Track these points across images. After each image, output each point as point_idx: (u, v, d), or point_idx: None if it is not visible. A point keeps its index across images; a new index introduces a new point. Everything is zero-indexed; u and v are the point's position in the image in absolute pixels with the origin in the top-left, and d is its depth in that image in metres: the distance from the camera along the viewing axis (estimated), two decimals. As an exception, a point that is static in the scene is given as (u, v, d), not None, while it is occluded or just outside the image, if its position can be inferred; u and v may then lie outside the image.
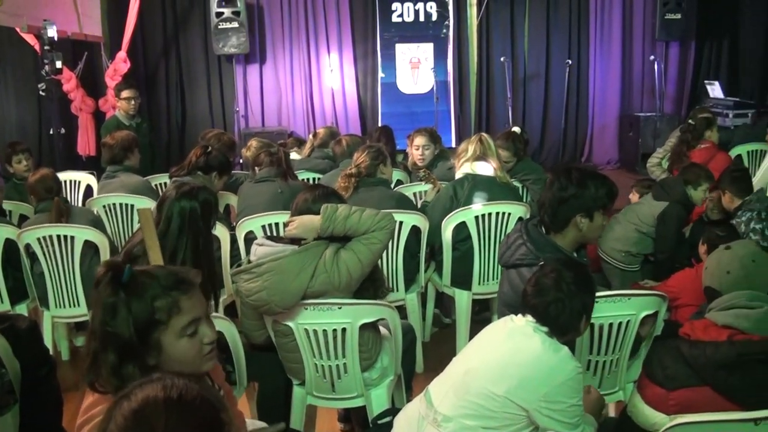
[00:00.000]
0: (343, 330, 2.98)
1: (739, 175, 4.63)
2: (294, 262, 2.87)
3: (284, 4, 9.69)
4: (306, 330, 2.99)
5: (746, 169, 4.93)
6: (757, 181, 5.36)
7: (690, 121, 5.99)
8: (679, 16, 10.24)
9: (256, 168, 4.82)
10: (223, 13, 8.90)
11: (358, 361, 3.06)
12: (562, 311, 2.35)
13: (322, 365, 3.08)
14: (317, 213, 2.94)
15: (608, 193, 2.81)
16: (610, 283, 4.61)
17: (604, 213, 2.83)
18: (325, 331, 2.99)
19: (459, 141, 8.93)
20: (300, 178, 5.50)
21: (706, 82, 10.59)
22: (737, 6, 11.10)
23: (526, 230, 2.87)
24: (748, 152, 6.53)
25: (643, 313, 2.94)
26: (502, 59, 9.80)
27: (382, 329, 3.25)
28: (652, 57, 10.27)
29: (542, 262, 2.65)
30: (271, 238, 3.14)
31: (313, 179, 5.58)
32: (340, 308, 2.94)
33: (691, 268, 3.90)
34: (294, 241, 2.96)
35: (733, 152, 6.46)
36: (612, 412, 3.25)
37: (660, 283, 4.08)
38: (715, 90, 10.20)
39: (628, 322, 2.93)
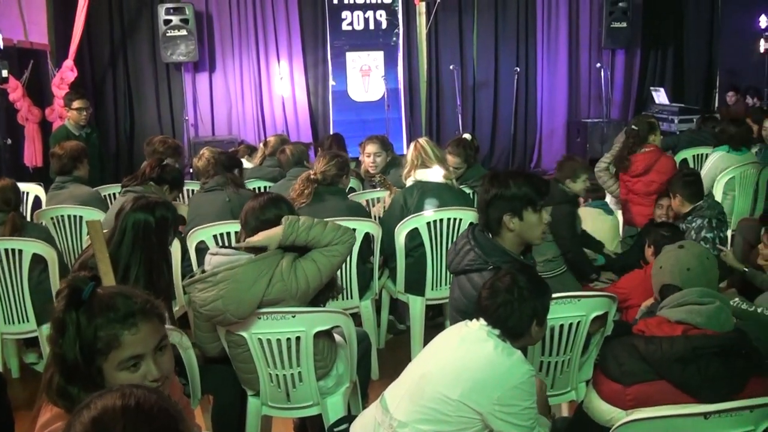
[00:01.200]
0: (297, 338, 2.97)
1: (691, 180, 4.72)
2: (250, 270, 2.84)
3: (233, 11, 9.63)
4: (260, 339, 2.97)
5: (698, 173, 5.05)
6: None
7: (633, 126, 6.12)
8: (624, 24, 10.51)
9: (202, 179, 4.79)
10: (171, 20, 8.81)
11: (313, 369, 3.05)
12: (511, 314, 2.38)
13: (277, 375, 3.05)
14: (267, 220, 2.94)
15: (532, 190, 2.79)
16: None
17: (536, 210, 2.81)
18: (279, 340, 2.96)
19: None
20: (251, 186, 5.49)
21: (651, 88, 10.88)
22: (682, 15, 11.45)
23: (473, 236, 2.88)
24: (693, 156, 6.72)
25: (594, 314, 3.00)
26: (451, 67, 9.91)
27: (337, 337, 3.25)
28: (598, 64, 10.51)
29: (491, 267, 2.69)
30: (225, 247, 3.11)
31: (265, 188, 5.56)
32: (294, 317, 2.92)
33: (640, 269, 3.99)
34: (249, 249, 2.94)
35: (679, 156, 6.64)
36: (565, 411, 3.30)
37: (610, 284, 4.16)
38: (660, 96, 10.48)
39: (578, 323, 2.99)
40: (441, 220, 4.25)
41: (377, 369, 4.33)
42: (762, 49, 9.07)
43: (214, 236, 4.21)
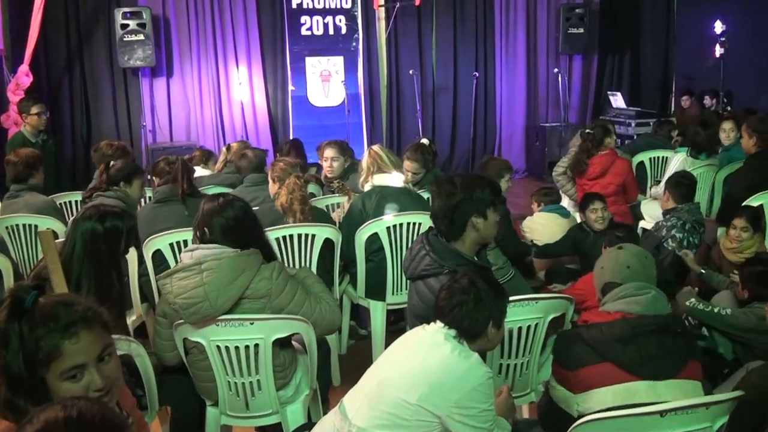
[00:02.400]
0: (256, 346, 2.94)
1: (686, 183, 4.91)
2: (237, 263, 2.87)
3: (191, 16, 9.51)
4: (218, 347, 2.93)
5: (695, 179, 5.15)
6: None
7: (588, 130, 6.22)
8: (581, 30, 10.68)
9: (155, 179, 4.69)
10: (128, 25, 8.67)
11: (272, 377, 3.02)
12: (467, 314, 2.40)
13: (236, 383, 3.02)
14: (225, 224, 2.94)
15: (493, 191, 2.94)
16: None
17: (495, 209, 2.93)
18: (237, 347, 2.93)
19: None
20: (209, 193, 5.42)
21: (609, 92, 11.06)
22: (638, 20, 11.68)
23: (428, 241, 2.92)
24: (650, 159, 6.83)
25: (551, 316, 3.05)
26: (411, 72, 9.95)
27: (295, 343, 3.23)
28: (556, 69, 10.67)
29: (447, 270, 2.73)
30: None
31: (223, 194, 5.49)
32: (252, 324, 2.89)
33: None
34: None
35: (636, 159, 6.75)
36: (526, 413, 3.32)
37: (567, 286, 4.21)
38: (617, 100, 10.65)
39: (536, 324, 3.01)
40: (401, 225, 4.25)
41: (339, 375, 4.32)
42: (717, 54, 9.26)
43: (171, 245, 4.14)
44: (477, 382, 2.30)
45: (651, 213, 5.89)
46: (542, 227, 4.98)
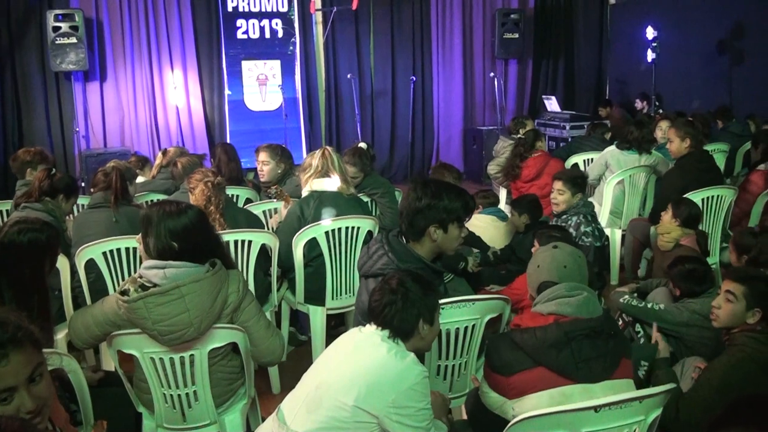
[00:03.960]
0: (191, 356, 2.88)
1: (581, 181, 4.99)
2: (214, 282, 2.81)
3: (125, 18, 9.31)
4: (152, 359, 2.87)
5: (585, 177, 5.26)
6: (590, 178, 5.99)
7: (519, 135, 6.37)
8: (516, 35, 10.90)
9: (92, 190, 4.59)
10: (60, 27, 8.43)
11: (209, 387, 2.97)
12: (395, 313, 2.42)
13: (171, 395, 2.95)
14: (171, 232, 2.84)
15: (463, 206, 2.88)
16: None
17: (460, 225, 2.90)
18: (172, 358, 2.87)
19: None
20: (144, 200, 5.32)
21: (543, 96, 11.29)
22: (572, 26, 11.95)
23: (387, 241, 2.92)
24: (583, 160, 6.99)
25: (488, 317, 3.07)
26: (348, 76, 9.97)
27: None
28: (492, 74, 10.84)
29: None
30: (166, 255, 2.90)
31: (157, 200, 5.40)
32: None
33: None
34: (183, 257, 2.83)
35: (570, 161, 6.90)
36: (464, 414, 3.34)
37: (505, 287, 4.26)
38: (552, 104, 10.87)
39: (473, 325, 3.04)
40: (339, 229, 4.23)
41: (278, 382, 4.27)
42: (649, 59, 9.51)
43: (104, 253, 4.03)
44: (413, 382, 2.31)
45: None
46: (482, 230, 5.02)
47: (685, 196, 4.93)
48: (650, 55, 9.46)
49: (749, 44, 9.27)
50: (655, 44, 9.32)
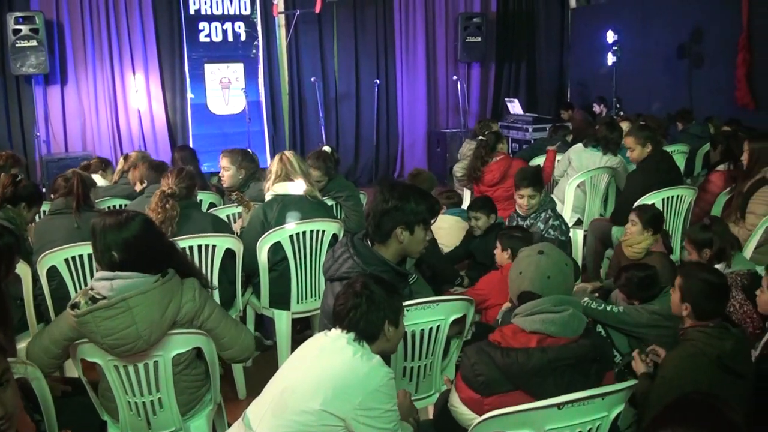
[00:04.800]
0: (155, 363, 2.86)
1: (541, 176, 5.04)
2: (164, 292, 2.77)
3: (86, 21, 9.18)
4: (116, 366, 2.83)
5: (540, 168, 5.31)
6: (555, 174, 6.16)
7: (480, 137, 6.42)
8: (479, 39, 10.99)
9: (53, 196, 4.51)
10: (20, 30, 8.30)
11: (173, 394, 2.94)
12: (361, 316, 2.42)
13: (136, 402, 2.92)
14: (113, 243, 2.79)
15: (429, 209, 2.93)
16: None
17: (426, 228, 2.94)
18: (136, 365, 2.84)
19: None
20: (105, 205, 5.25)
21: (506, 99, 11.38)
22: (533, 30, 12.09)
23: (353, 244, 2.93)
24: (546, 162, 7.05)
25: (453, 317, 3.08)
26: (312, 79, 9.95)
27: None
28: (455, 77, 10.91)
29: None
30: (112, 267, 2.85)
31: (120, 206, 5.33)
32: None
33: (496, 271, 4.14)
34: (130, 268, 2.78)
35: (534, 162, 6.96)
36: (430, 415, 3.35)
37: (470, 288, 4.29)
38: (515, 107, 10.96)
39: (438, 327, 3.05)
40: (304, 233, 4.22)
41: (244, 387, 4.25)
42: (610, 62, 9.64)
43: (66, 260, 3.97)
44: (379, 383, 2.32)
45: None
46: (447, 231, 5.05)
47: (645, 197, 5.02)
48: (611, 59, 9.59)
49: (708, 48, 9.46)
50: (615, 48, 9.46)
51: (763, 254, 4.58)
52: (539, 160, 7.06)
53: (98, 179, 5.81)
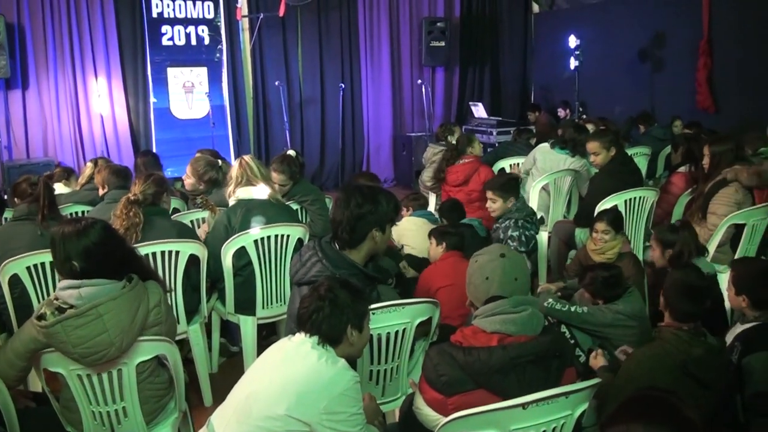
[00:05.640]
0: (119, 371, 2.82)
1: (513, 184, 5.06)
2: (132, 298, 2.76)
3: (47, 25, 9.01)
4: (79, 375, 2.79)
5: (518, 177, 5.33)
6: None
7: (451, 140, 6.44)
8: (443, 43, 11.07)
9: (17, 200, 4.41)
10: (-20, 34, 8.12)
11: (138, 402, 2.91)
12: (324, 319, 2.41)
13: (100, 412, 2.88)
14: (86, 249, 2.75)
15: (395, 208, 3.02)
16: None
17: (392, 225, 3.03)
18: (99, 375, 2.80)
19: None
20: (68, 212, 5.17)
21: (470, 103, 11.47)
22: (497, 34, 12.21)
23: (321, 248, 2.93)
24: (509, 165, 7.13)
25: (418, 320, 3.09)
26: (276, 83, 9.91)
27: None
28: (419, 81, 10.95)
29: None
30: (74, 276, 2.81)
31: (83, 212, 5.25)
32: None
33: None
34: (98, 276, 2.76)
35: (497, 166, 7.03)
36: (397, 417, 3.35)
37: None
38: (479, 110, 11.04)
39: (404, 329, 3.05)
40: (268, 237, 4.20)
41: (210, 394, 4.21)
42: (572, 66, 9.74)
43: (28, 268, 3.87)
44: (344, 387, 2.32)
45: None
46: (414, 232, 5.06)
47: (607, 199, 5.08)
48: (573, 63, 9.70)
49: (669, 52, 9.64)
50: (578, 52, 9.57)
51: (724, 254, 4.68)
52: (503, 164, 7.11)
53: (61, 188, 5.73)
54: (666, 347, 2.81)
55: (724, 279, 3.78)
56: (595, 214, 4.69)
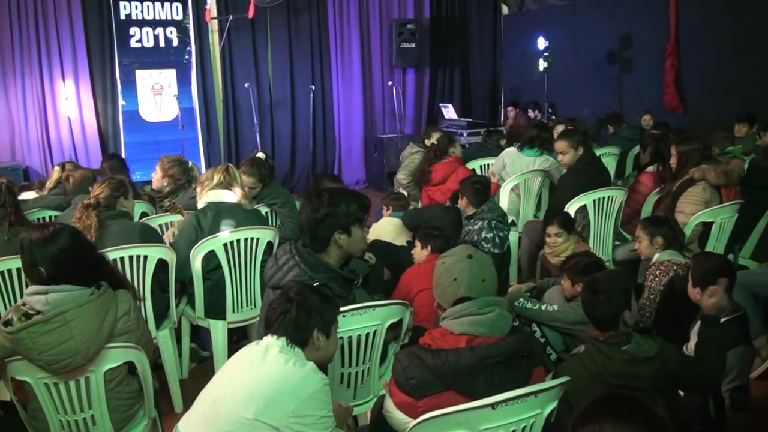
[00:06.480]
0: (87, 379, 2.79)
1: (480, 188, 5.05)
2: (100, 305, 2.73)
3: (14, 27, 8.88)
4: (47, 384, 2.75)
5: (488, 182, 5.34)
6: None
7: (434, 141, 6.47)
8: (413, 45, 11.11)
9: None
10: (-54, 36, 7.99)
11: (106, 410, 2.87)
12: (290, 322, 2.39)
13: (69, 421, 2.84)
14: (53, 255, 2.73)
15: (360, 207, 2.94)
16: None
17: (361, 226, 2.96)
18: (67, 383, 2.77)
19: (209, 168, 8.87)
20: (35, 217, 5.09)
21: (441, 104, 11.51)
22: (467, 36, 12.26)
23: (298, 251, 2.90)
24: (480, 166, 7.15)
25: (389, 322, 3.09)
26: (246, 85, 9.84)
27: None
28: (390, 83, 10.96)
29: (316, 283, 2.71)
30: (42, 282, 2.78)
31: (50, 217, 5.18)
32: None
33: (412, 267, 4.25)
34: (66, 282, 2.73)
35: (468, 167, 7.02)
36: (369, 420, 3.34)
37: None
38: (449, 112, 11.09)
39: (375, 332, 3.05)
40: (238, 241, 4.17)
41: (180, 401, 4.16)
42: (541, 68, 9.81)
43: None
44: (313, 390, 2.30)
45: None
46: (389, 232, 5.07)
47: (576, 199, 5.12)
48: (542, 65, 9.77)
49: (637, 53, 9.76)
50: (546, 54, 9.63)
51: (693, 251, 4.74)
52: (473, 165, 7.13)
53: (26, 194, 5.65)
54: (584, 358, 2.74)
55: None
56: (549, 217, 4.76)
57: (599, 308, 2.76)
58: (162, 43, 9.75)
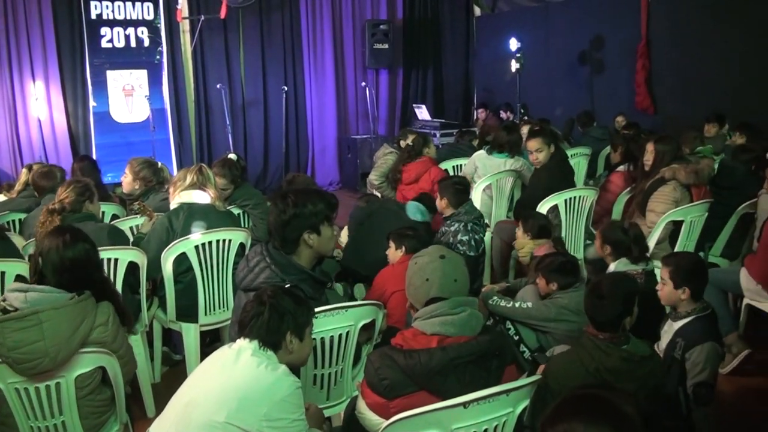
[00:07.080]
0: (57, 385, 2.76)
1: (461, 189, 5.03)
2: (77, 311, 2.72)
3: (-16, 27, 8.73)
4: (17, 389, 2.72)
5: (468, 182, 5.35)
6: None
7: (409, 142, 6.49)
8: (386, 46, 11.13)
9: None
10: None
11: (77, 416, 2.85)
12: (262, 324, 2.39)
13: (39, 427, 2.81)
14: (59, 264, 2.84)
15: (327, 206, 2.93)
16: None
17: (330, 225, 2.95)
18: (38, 388, 2.74)
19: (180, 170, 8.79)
20: (4, 221, 5.04)
21: (414, 105, 11.54)
22: (439, 37, 12.32)
23: (269, 253, 2.90)
24: (453, 167, 7.18)
25: (362, 323, 3.09)
26: (218, 86, 9.78)
27: None
28: (363, 83, 10.97)
29: (288, 285, 2.69)
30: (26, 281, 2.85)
31: (19, 220, 5.12)
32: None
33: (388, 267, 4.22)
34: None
35: (441, 167, 7.04)
36: (342, 421, 3.34)
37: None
38: (422, 113, 11.11)
39: (348, 333, 3.05)
40: (210, 243, 4.14)
41: (153, 405, 4.12)
42: (513, 69, 9.86)
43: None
44: (285, 393, 2.29)
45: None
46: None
47: (548, 198, 5.16)
48: (514, 66, 9.82)
49: (608, 54, 9.86)
50: (519, 55, 9.69)
51: (663, 250, 4.80)
52: (446, 165, 7.15)
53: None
54: (581, 353, 2.81)
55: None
56: (533, 213, 4.80)
57: (603, 313, 2.84)
58: (133, 44, 9.64)
